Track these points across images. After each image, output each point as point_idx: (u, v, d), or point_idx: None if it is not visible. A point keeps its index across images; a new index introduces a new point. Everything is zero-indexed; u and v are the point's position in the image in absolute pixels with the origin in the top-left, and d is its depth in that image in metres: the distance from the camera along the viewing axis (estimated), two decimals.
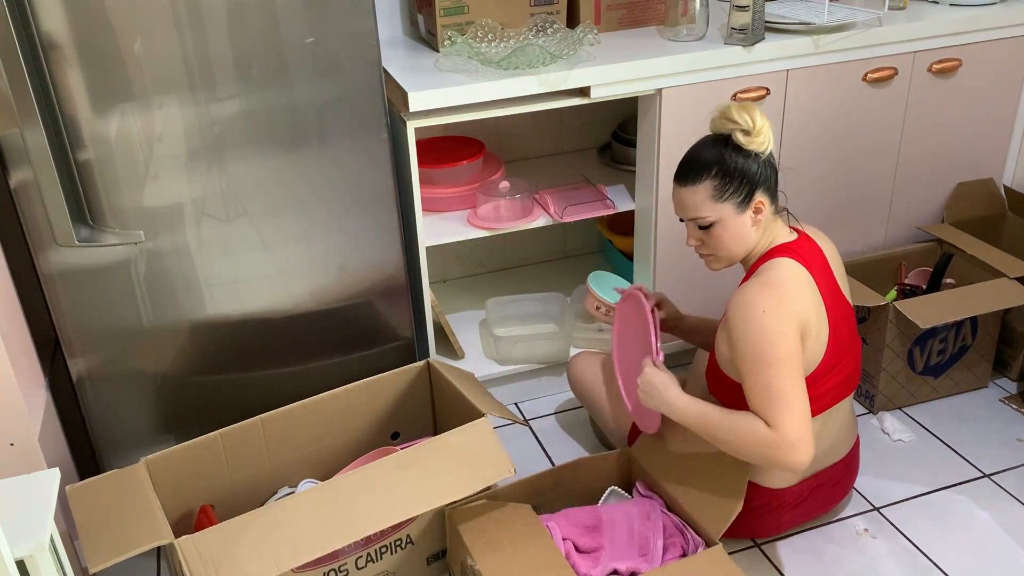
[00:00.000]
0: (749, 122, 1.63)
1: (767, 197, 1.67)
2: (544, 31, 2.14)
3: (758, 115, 1.64)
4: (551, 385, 2.41)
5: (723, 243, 1.69)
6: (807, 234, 1.75)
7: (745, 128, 1.63)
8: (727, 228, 1.68)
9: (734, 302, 1.65)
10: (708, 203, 1.66)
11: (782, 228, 1.73)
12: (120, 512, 1.61)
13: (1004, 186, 2.52)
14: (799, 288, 1.63)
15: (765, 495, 1.78)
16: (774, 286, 1.62)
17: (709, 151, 1.66)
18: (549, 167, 2.57)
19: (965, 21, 2.26)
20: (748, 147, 1.63)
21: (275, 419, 1.88)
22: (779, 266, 1.66)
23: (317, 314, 1.97)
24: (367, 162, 1.87)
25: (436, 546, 1.81)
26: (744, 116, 1.63)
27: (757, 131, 1.63)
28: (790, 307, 1.60)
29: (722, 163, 1.64)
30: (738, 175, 1.64)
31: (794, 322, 1.60)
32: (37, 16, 1.55)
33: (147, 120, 1.68)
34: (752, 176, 1.64)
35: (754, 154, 1.64)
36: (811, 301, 1.64)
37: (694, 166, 1.67)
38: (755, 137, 1.63)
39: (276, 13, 1.68)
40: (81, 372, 1.84)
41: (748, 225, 1.68)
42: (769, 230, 1.71)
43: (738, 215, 1.66)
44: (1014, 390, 2.35)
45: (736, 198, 1.65)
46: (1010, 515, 1.95)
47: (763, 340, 1.58)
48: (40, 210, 1.66)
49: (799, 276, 1.65)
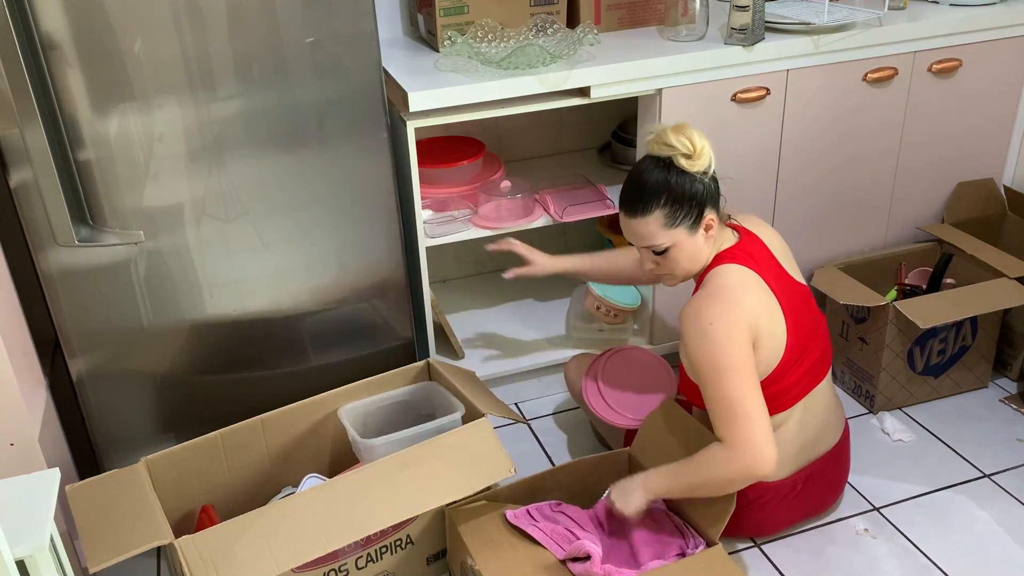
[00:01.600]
0: (689, 146, 1.63)
1: (715, 211, 1.69)
2: (544, 31, 2.14)
3: (696, 136, 1.64)
4: (551, 385, 2.41)
5: (679, 264, 1.72)
6: (747, 229, 1.77)
7: (686, 152, 1.64)
8: (682, 250, 1.70)
9: (683, 316, 1.68)
10: (661, 231, 1.68)
11: (726, 233, 1.76)
12: (120, 512, 1.61)
13: (1004, 186, 2.52)
14: (745, 292, 1.65)
15: (759, 489, 1.78)
16: (719, 296, 1.65)
17: (654, 178, 1.66)
18: (549, 167, 2.57)
19: (965, 21, 2.26)
20: (691, 170, 1.64)
21: (275, 419, 1.88)
22: (724, 273, 1.68)
23: (317, 314, 1.97)
24: (367, 162, 1.87)
25: (436, 546, 1.81)
26: (683, 140, 1.63)
27: (698, 153, 1.64)
28: (738, 314, 1.62)
29: (670, 190, 1.65)
30: (687, 200, 1.65)
31: (742, 328, 1.62)
32: (37, 16, 1.55)
33: (147, 120, 1.68)
34: (700, 197, 1.66)
35: (699, 175, 1.65)
36: (760, 302, 1.66)
37: (642, 196, 1.67)
38: (696, 160, 1.64)
39: (276, 13, 1.68)
40: (81, 372, 1.84)
41: (701, 243, 1.71)
42: (718, 239, 1.73)
43: (691, 236, 1.69)
44: (1014, 390, 2.35)
45: (688, 221, 1.67)
46: (1010, 515, 1.95)
47: (714, 350, 1.61)
48: (40, 210, 1.66)
49: (744, 279, 1.67)
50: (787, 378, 1.71)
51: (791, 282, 1.75)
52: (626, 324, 2.37)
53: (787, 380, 1.71)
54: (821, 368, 1.78)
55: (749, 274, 1.68)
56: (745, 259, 1.70)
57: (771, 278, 1.70)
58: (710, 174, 1.67)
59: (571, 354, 2.29)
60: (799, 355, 1.72)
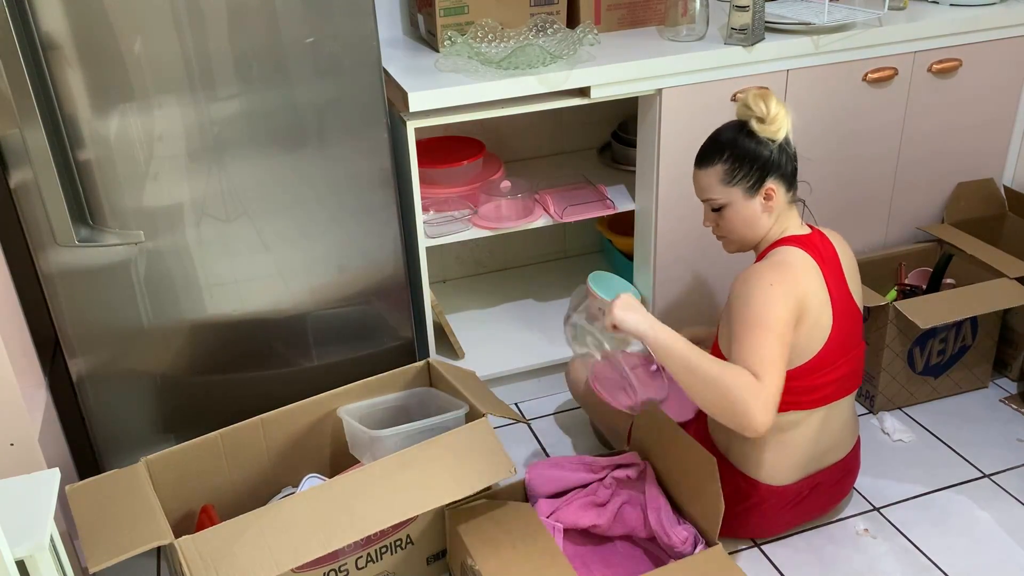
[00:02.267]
0: (764, 109, 1.66)
1: (780, 185, 1.70)
2: (544, 31, 2.14)
3: (774, 103, 1.67)
4: (551, 385, 2.41)
5: (734, 226, 1.74)
6: (822, 232, 1.78)
7: (759, 115, 1.67)
8: (737, 212, 1.72)
9: (741, 277, 1.68)
10: (718, 186, 1.71)
11: (796, 220, 1.76)
12: (120, 512, 1.61)
13: (1004, 186, 2.52)
14: (805, 273, 1.67)
15: (764, 492, 1.78)
16: (781, 266, 1.66)
17: (725, 135, 1.72)
18: (549, 167, 2.57)
19: (965, 21, 2.26)
20: (762, 134, 1.67)
21: (275, 419, 1.88)
22: (788, 252, 1.70)
23: (317, 314, 1.97)
24: (367, 162, 1.87)
25: (436, 546, 1.81)
26: (760, 104, 1.67)
27: (771, 119, 1.66)
28: (795, 285, 1.64)
29: (734, 147, 1.69)
30: (748, 160, 1.68)
31: (794, 299, 1.63)
32: (37, 16, 1.55)
33: (147, 120, 1.68)
34: (763, 162, 1.68)
35: (767, 141, 1.67)
36: (815, 288, 1.67)
37: (709, 149, 1.73)
38: (769, 125, 1.67)
39: (276, 13, 1.68)
40: (81, 372, 1.84)
41: (758, 211, 1.71)
42: (782, 219, 1.74)
43: (748, 200, 1.70)
44: (1014, 390, 2.35)
45: (746, 183, 1.69)
46: (1010, 515, 1.95)
47: (763, 303, 1.61)
48: (40, 210, 1.66)
49: (807, 263, 1.68)
50: (817, 377, 1.71)
51: (847, 294, 1.75)
52: None
53: (816, 379, 1.71)
54: (847, 385, 1.78)
55: (811, 261, 1.69)
56: (811, 249, 1.71)
57: (831, 277, 1.71)
58: (779, 142, 1.68)
59: (571, 354, 2.29)
60: (831, 362, 1.71)
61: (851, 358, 1.76)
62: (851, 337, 1.75)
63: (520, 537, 1.69)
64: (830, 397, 1.74)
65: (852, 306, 1.76)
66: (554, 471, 1.83)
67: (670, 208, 2.20)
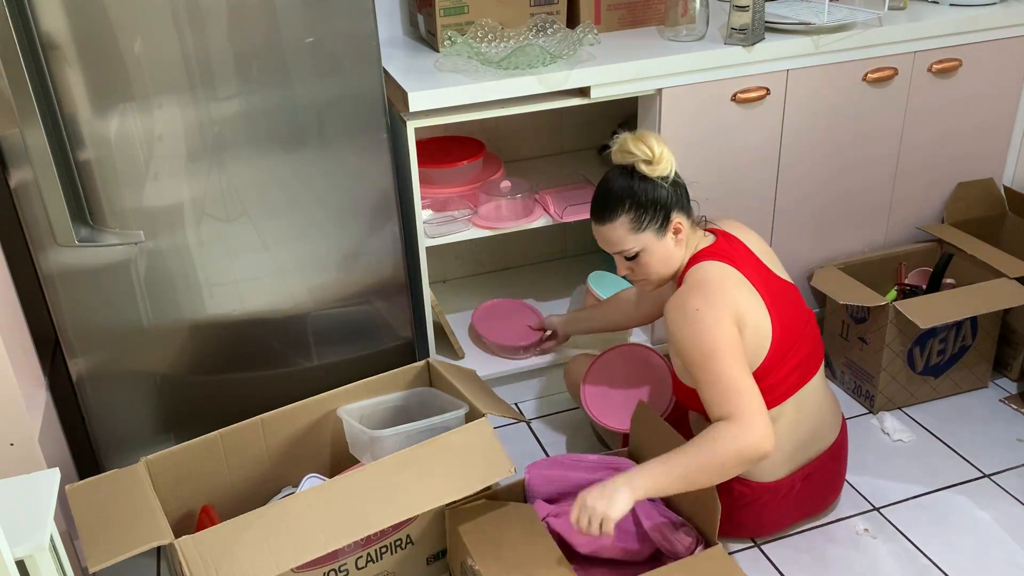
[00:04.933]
0: (647, 152, 1.68)
1: (683, 215, 1.72)
2: (544, 31, 2.14)
3: (654, 142, 1.68)
4: (551, 385, 2.41)
5: (652, 268, 1.76)
6: (725, 231, 1.79)
7: (645, 158, 1.68)
8: (652, 254, 1.73)
9: (667, 311, 1.69)
10: (629, 236, 1.72)
11: (699, 235, 1.78)
12: (120, 512, 1.61)
13: (1004, 186, 2.52)
14: (725, 284, 1.67)
15: (758, 490, 1.79)
16: (701, 287, 1.67)
17: (618, 185, 1.72)
18: (549, 167, 2.57)
19: (965, 21, 2.26)
20: (652, 175, 1.69)
21: (275, 419, 1.88)
22: (702, 269, 1.71)
23: (317, 314, 1.97)
24: (367, 162, 1.87)
25: (436, 546, 1.82)
26: (641, 147, 1.68)
27: (658, 159, 1.68)
28: (721, 300, 1.64)
29: (633, 196, 1.70)
30: (651, 204, 1.70)
31: (728, 313, 1.63)
32: (37, 16, 1.55)
33: (147, 120, 1.68)
34: (664, 201, 1.70)
35: (660, 180, 1.69)
36: (742, 294, 1.68)
37: (607, 203, 1.73)
38: (656, 165, 1.68)
39: (276, 13, 1.69)
40: (81, 372, 1.84)
41: (671, 246, 1.74)
42: (691, 241, 1.76)
43: (659, 240, 1.72)
44: (1014, 390, 2.35)
45: (654, 225, 1.71)
46: (1010, 515, 1.95)
47: (702, 334, 1.62)
48: (40, 210, 1.66)
49: (724, 273, 1.69)
50: (775, 374, 1.71)
51: (774, 278, 1.76)
52: None
53: (775, 376, 1.71)
54: (811, 365, 1.79)
55: (728, 269, 1.70)
56: (722, 256, 1.72)
57: (752, 274, 1.72)
58: (671, 178, 1.70)
59: (571, 354, 2.29)
60: (787, 351, 1.72)
61: (804, 340, 1.76)
62: (798, 318, 1.76)
63: (520, 537, 1.68)
64: (796, 385, 1.75)
65: (785, 289, 1.77)
66: (553, 471, 1.83)
67: None
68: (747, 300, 1.67)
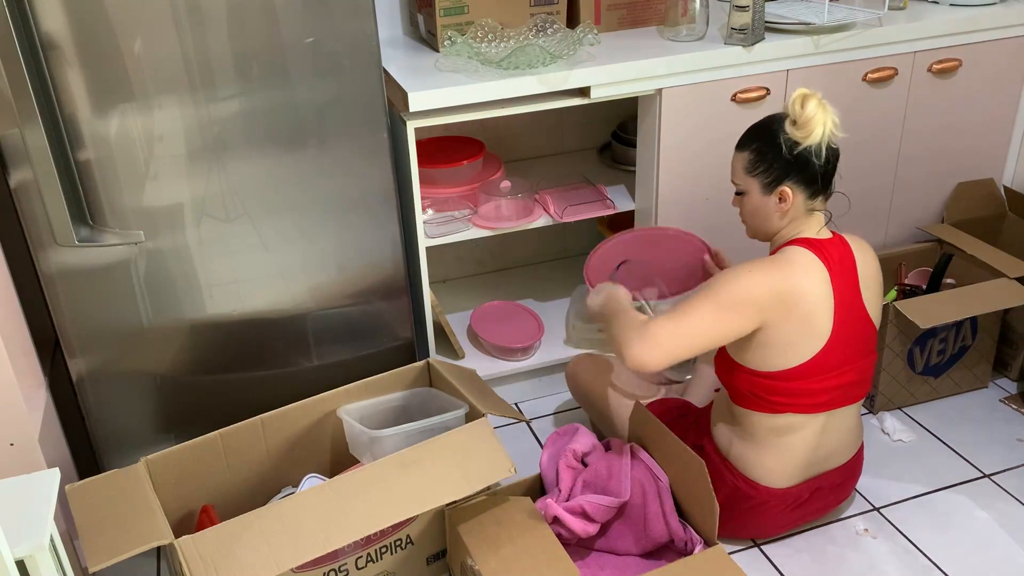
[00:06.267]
0: (798, 111, 1.64)
1: (800, 189, 1.68)
2: (544, 31, 2.14)
3: (811, 106, 1.63)
4: (551, 385, 2.41)
5: (747, 214, 1.77)
6: (845, 239, 1.75)
7: (793, 117, 1.65)
8: (752, 203, 1.74)
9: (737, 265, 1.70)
10: (741, 173, 1.74)
11: (814, 226, 1.73)
12: (120, 512, 1.61)
13: (1004, 186, 2.52)
14: (803, 269, 1.66)
15: (764, 494, 1.78)
16: (778, 261, 1.67)
17: (762, 125, 1.72)
18: (549, 167, 2.57)
19: (965, 21, 2.26)
20: (792, 136, 1.65)
21: (275, 419, 1.88)
22: (793, 252, 1.69)
23: (317, 314, 1.97)
24: (367, 162, 1.87)
25: (436, 546, 1.81)
26: (796, 105, 1.64)
27: (803, 122, 1.64)
28: (783, 278, 1.64)
29: (763, 141, 1.69)
30: (769, 158, 1.68)
31: (773, 288, 1.63)
32: (37, 16, 1.55)
33: (147, 120, 1.68)
34: (782, 164, 1.67)
35: (794, 143, 1.65)
36: (815, 287, 1.65)
37: (746, 134, 1.74)
38: (799, 129, 1.64)
39: (276, 13, 1.68)
40: (81, 372, 1.84)
41: (771, 208, 1.71)
42: (797, 222, 1.72)
43: (763, 195, 1.71)
44: (1014, 390, 2.35)
45: (764, 178, 1.70)
46: (1010, 515, 1.95)
47: (724, 279, 1.66)
48: (40, 210, 1.66)
49: (809, 261, 1.67)
50: (816, 382, 1.69)
51: (858, 302, 1.72)
52: None
53: (815, 384, 1.69)
54: (855, 394, 1.76)
55: (817, 261, 1.67)
56: (819, 251, 1.68)
57: (840, 283, 1.68)
58: (810, 147, 1.64)
59: (571, 354, 2.29)
60: (836, 366, 1.70)
61: (857, 368, 1.74)
62: (856, 346, 1.73)
63: (520, 536, 1.68)
64: (831, 404, 1.73)
65: (862, 316, 1.73)
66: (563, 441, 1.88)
67: (670, 208, 2.20)
68: (817, 294, 1.65)
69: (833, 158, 1.68)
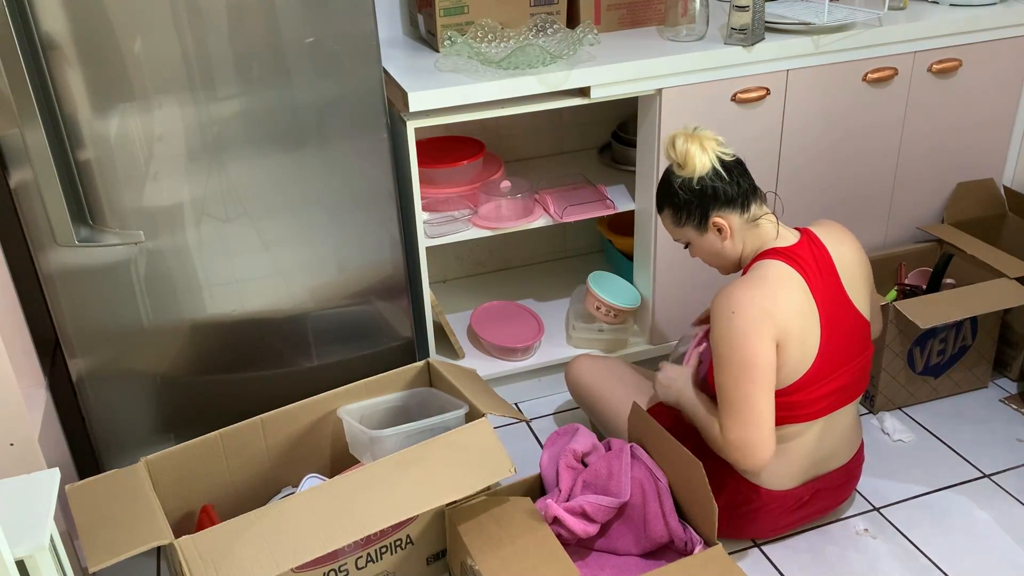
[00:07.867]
0: (673, 154, 1.70)
1: (726, 212, 1.71)
2: (544, 31, 2.15)
3: (679, 143, 1.69)
4: (551, 385, 2.41)
5: (705, 258, 1.81)
6: (815, 236, 1.74)
7: (675, 160, 1.71)
8: (699, 247, 1.79)
9: (715, 298, 1.70)
10: (673, 228, 1.79)
11: (771, 232, 1.73)
12: (120, 512, 1.61)
13: (1004, 186, 2.52)
14: (780, 289, 1.64)
15: (765, 496, 1.78)
16: (752, 285, 1.65)
17: (662, 182, 1.77)
18: (549, 167, 2.57)
19: (965, 21, 2.26)
20: (683, 176, 1.70)
21: (275, 419, 1.88)
22: (764, 267, 1.68)
23: (317, 314, 1.98)
24: (367, 162, 1.87)
25: (436, 546, 1.82)
26: (669, 151, 1.71)
27: (682, 161, 1.69)
28: (762, 308, 1.61)
29: (668, 196, 1.75)
30: (685, 203, 1.72)
31: (766, 324, 1.61)
32: (37, 16, 1.55)
33: (147, 120, 1.68)
34: (696, 202, 1.71)
35: (690, 180, 1.69)
36: (795, 302, 1.64)
37: (657, 195, 1.80)
38: (684, 168, 1.70)
39: (276, 13, 1.69)
40: (81, 372, 1.84)
41: (717, 243, 1.74)
42: (751, 237, 1.73)
43: (701, 235, 1.75)
44: (1014, 390, 2.35)
45: (692, 222, 1.74)
46: (1010, 515, 1.95)
47: (727, 341, 1.63)
48: (40, 210, 1.66)
49: (783, 276, 1.66)
50: (812, 391, 1.69)
51: (844, 301, 1.71)
52: (626, 324, 2.37)
53: (809, 394, 1.69)
54: (851, 394, 1.76)
55: (789, 271, 1.66)
56: (792, 259, 1.67)
57: (819, 286, 1.67)
58: (703, 177, 1.68)
59: (571, 354, 2.29)
60: (829, 372, 1.69)
61: (851, 368, 1.73)
62: (849, 348, 1.72)
63: (520, 536, 1.68)
64: (829, 408, 1.73)
65: (851, 315, 1.72)
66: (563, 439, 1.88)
67: None
68: (800, 310, 1.64)
69: (736, 169, 1.71)
